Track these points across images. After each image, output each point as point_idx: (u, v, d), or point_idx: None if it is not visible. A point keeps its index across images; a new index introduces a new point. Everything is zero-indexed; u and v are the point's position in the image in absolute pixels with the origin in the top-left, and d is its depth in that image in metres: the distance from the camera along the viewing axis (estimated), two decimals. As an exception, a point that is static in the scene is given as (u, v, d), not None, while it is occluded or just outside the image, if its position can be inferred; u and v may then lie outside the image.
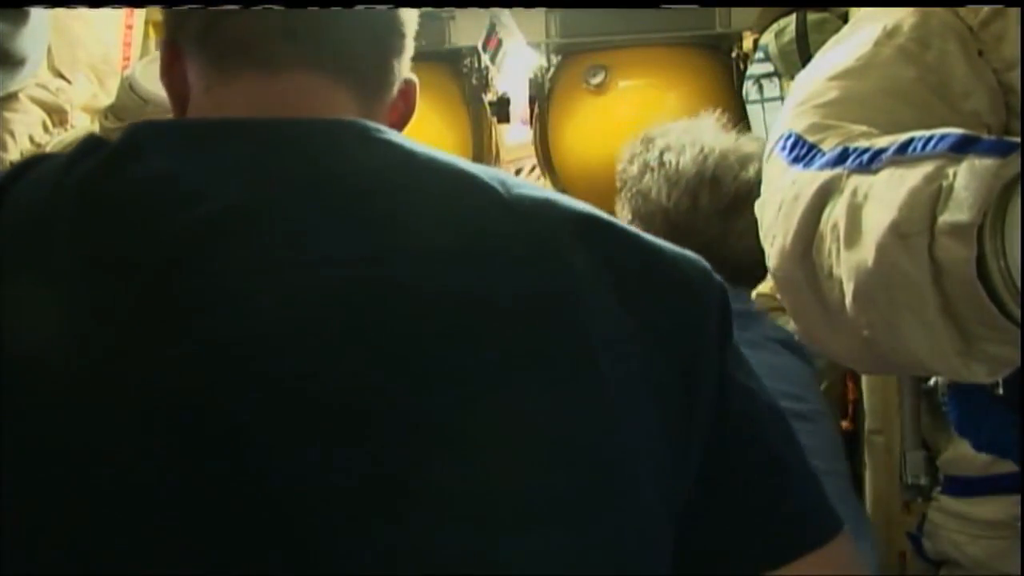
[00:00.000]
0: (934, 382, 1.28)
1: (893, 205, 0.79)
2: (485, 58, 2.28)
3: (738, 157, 1.31)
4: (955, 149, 0.79)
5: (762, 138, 1.40)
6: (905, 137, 0.84)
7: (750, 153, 1.31)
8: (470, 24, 2.23)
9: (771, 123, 1.89)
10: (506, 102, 2.39)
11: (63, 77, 1.63)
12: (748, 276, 1.31)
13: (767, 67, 1.95)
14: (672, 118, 2.15)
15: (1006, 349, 0.77)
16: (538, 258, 0.61)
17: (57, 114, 1.61)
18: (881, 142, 0.87)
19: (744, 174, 1.29)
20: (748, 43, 2.18)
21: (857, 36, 1.06)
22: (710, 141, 1.33)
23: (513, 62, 2.36)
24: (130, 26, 1.82)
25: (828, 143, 0.93)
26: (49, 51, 1.58)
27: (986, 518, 1.17)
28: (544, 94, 2.32)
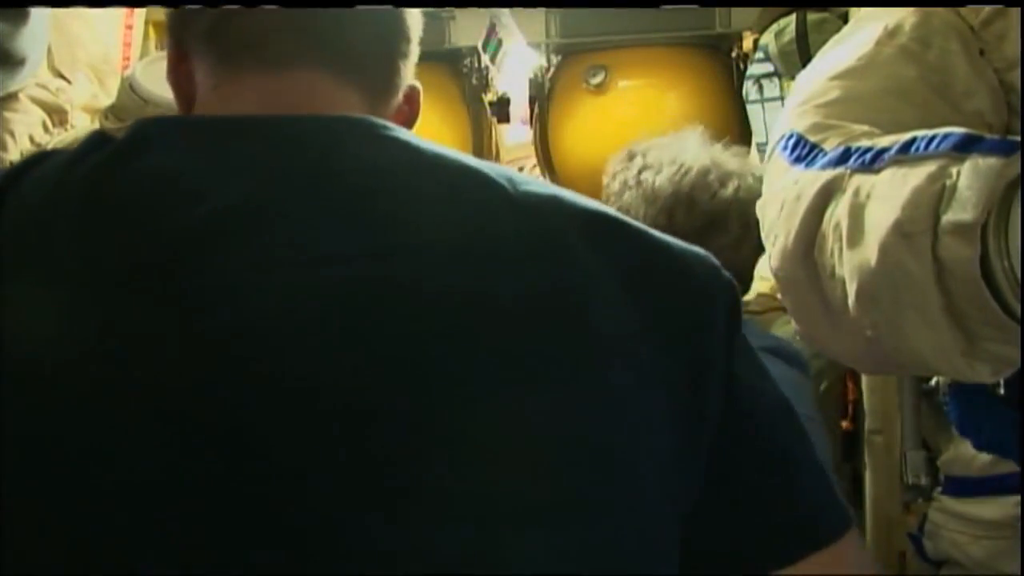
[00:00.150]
0: (935, 382, 1.28)
1: (896, 204, 0.79)
2: (485, 58, 2.28)
3: (719, 175, 1.30)
4: (958, 148, 0.78)
5: (746, 152, 1.40)
6: (907, 136, 0.84)
7: (732, 171, 1.31)
8: (470, 24, 2.24)
9: (771, 123, 1.89)
10: (506, 102, 2.39)
11: (63, 77, 1.63)
12: None
13: (767, 67, 1.95)
14: (672, 118, 2.18)
15: (1009, 349, 0.77)
16: (544, 255, 0.60)
17: (57, 114, 1.61)
18: (883, 142, 0.86)
19: (723, 192, 1.29)
20: (748, 43, 2.19)
21: (858, 36, 1.06)
22: (690, 158, 1.32)
23: (513, 62, 2.37)
24: (130, 26, 1.82)
25: (830, 143, 0.93)
26: (49, 51, 1.58)
27: (987, 518, 1.17)
28: (544, 94, 2.33)
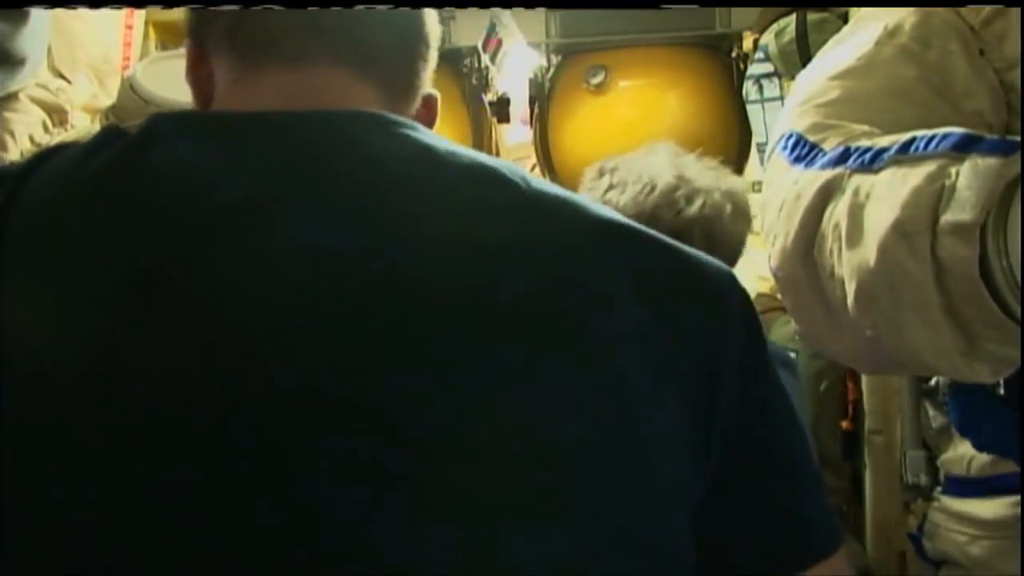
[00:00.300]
0: (934, 382, 1.29)
1: (895, 204, 0.79)
2: (485, 58, 2.28)
3: (686, 192, 1.30)
4: (957, 148, 0.78)
5: (718, 164, 1.40)
6: (907, 136, 0.84)
7: (699, 187, 1.31)
8: (470, 24, 2.23)
9: (771, 123, 1.89)
10: (506, 102, 2.39)
11: (63, 77, 1.63)
12: None
13: (767, 67, 1.96)
14: (672, 118, 2.19)
15: (1009, 348, 0.77)
16: (552, 255, 0.60)
17: (57, 114, 1.61)
18: (883, 141, 0.86)
19: (688, 209, 1.28)
20: (748, 43, 2.19)
21: (858, 36, 1.06)
22: (657, 175, 1.32)
23: (513, 62, 2.37)
24: (130, 26, 1.82)
25: (830, 143, 0.93)
26: (49, 51, 1.57)
27: (986, 518, 1.16)
28: (544, 94, 2.33)
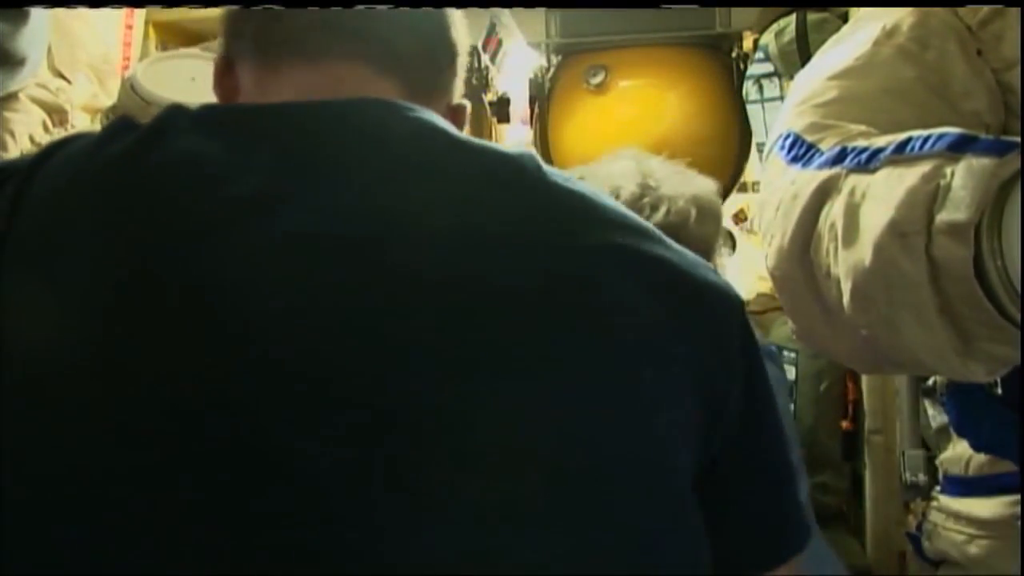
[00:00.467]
0: (933, 381, 1.28)
1: (891, 204, 0.79)
2: (485, 58, 2.28)
3: (651, 199, 1.30)
4: (953, 148, 0.78)
5: (685, 172, 1.41)
6: (903, 136, 0.84)
7: (664, 195, 1.31)
8: (470, 24, 2.22)
9: (771, 123, 1.89)
10: (506, 102, 2.39)
11: (63, 77, 1.63)
12: None
13: (767, 67, 1.96)
14: (672, 118, 2.18)
15: (1004, 348, 0.77)
16: (561, 248, 0.60)
17: (57, 114, 1.61)
18: (879, 141, 0.86)
19: (653, 216, 1.28)
20: (748, 43, 2.19)
21: (857, 36, 1.06)
22: (622, 184, 1.32)
23: (513, 62, 2.37)
24: (130, 26, 1.83)
25: (827, 142, 0.93)
26: (49, 51, 1.58)
27: (984, 517, 1.16)
28: (544, 94, 2.33)
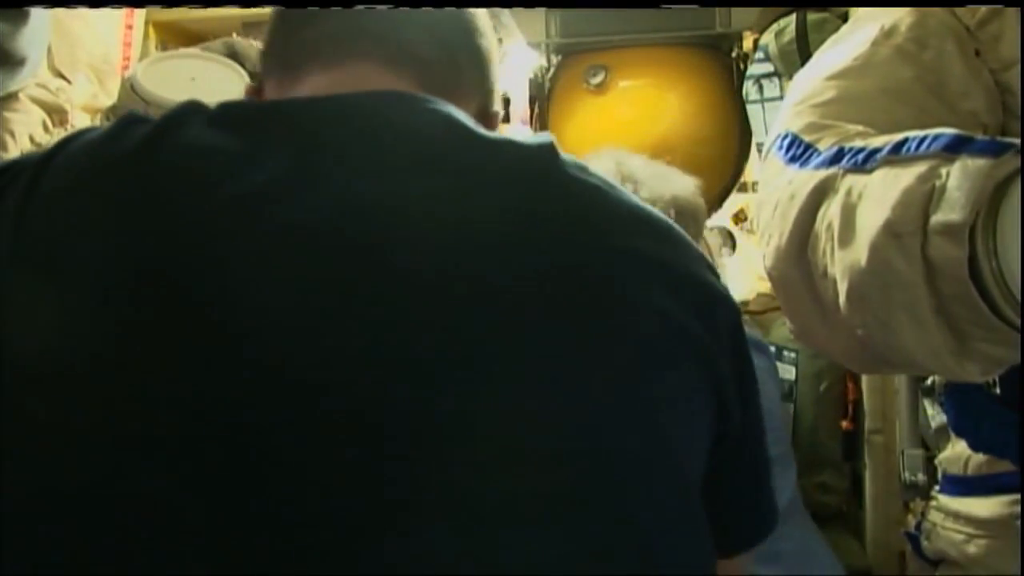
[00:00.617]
0: (932, 381, 1.29)
1: (887, 204, 0.79)
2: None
3: None
4: (949, 149, 0.78)
5: (667, 172, 1.42)
6: (900, 137, 0.84)
7: (643, 198, 1.30)
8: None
9: (771, 123, 1.88)
10: (506, 102, 2.39)
11: (63, 77, 1.63)
12: None
13: (767, 67, 1.95)
14: (672, 118, 2.18)
15: (999, 348, 0.77)
16: (572, 243, 0.60)
17: (57, 114, 1.61)
18: (876, 142, 0.86)
19: None
20: (748, 43, 2.18)
21: (855, 36, 1.06)
22: None
23: (513, 62, 2.36)
24: (130, 26, 1.83)
25: (824, 142, 0.93)
26: (49, 51, 1.58)
27: (983, 517, 1.16)
28: (544, 94, 2.32)
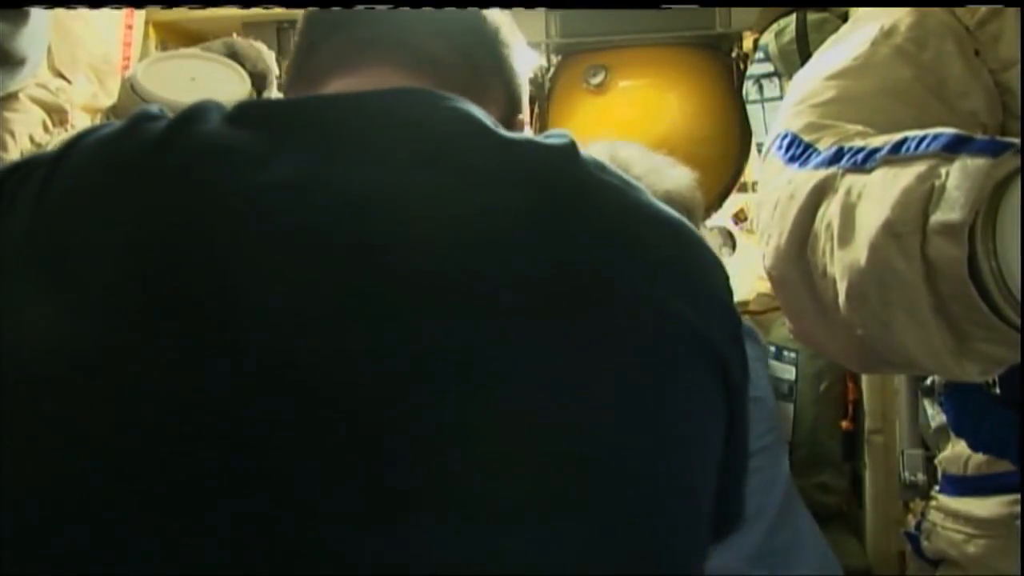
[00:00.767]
0: (932, 381, 1.29)
1: (886, 204, 0.79)
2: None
3: None
4: (948, 149, 0.79)
5: (663, 165, 1.43)
6: (899, 137, 0.84)
7: None
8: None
9: (771, 123, 1.89)
10: (506, 102, 2.38)
11: (63, 77, 1.63)
12: None
13: (767, 67, 1.95)
14: (672, 118, 2.18)
15: (999, 348, 0.77)
16: (583, 242, 0.60)
17: (57, 114, 1.61)
18: (875, 141, 0.86)
19: None
20: (748, 43, 2.18)
21: (855, 36, 1.06)
22: None
23: (513, 62, 2.36)
24: (130, 26, 1.83)
25: (824, 142, 0.93)
26: (49, 51, 1.57)
27: (982, 516, 1.16)
28: (544, 94, 2.32)
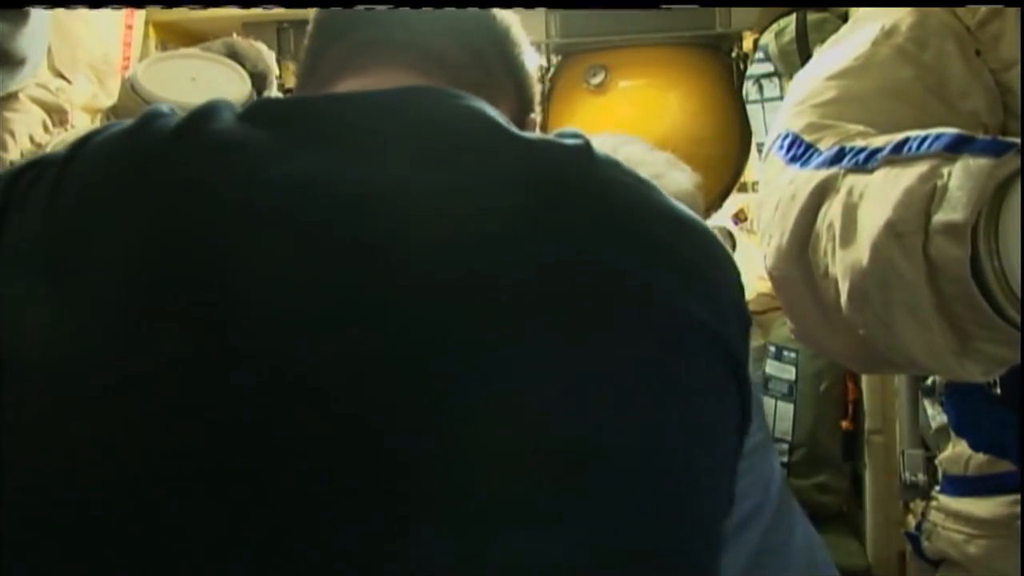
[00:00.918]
0: (932, 381, 1.29)
1: (888, 204, 0.79)
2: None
3: None
4: (950, 149, 0.79)
5: (666, 164, 1.42)
6: (901, 137, 0.84)
7: None
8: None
9: (771, 123, 1.89)
10: (507, 102, 2.39)
11: (63, 77, 1.63)
12: None
13: (767, 67, 1.96)
14: (672, 118, 2.18)
15: (1001, 348, 0.77)
16: (596, 241, 0.59)
17: (57, 114, 1.61)
18: (877, 141, 0.86)
19: None
20: (748, 43, 2.19)
21: (855, 36, 1.06)
22: None
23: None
24: (130, 26, 1.83)
25: (825, 142, 0.93)
26: (49, 51, 1.57)
27: (983, 517, 1.16)
28: (544, 94, 2.33)
